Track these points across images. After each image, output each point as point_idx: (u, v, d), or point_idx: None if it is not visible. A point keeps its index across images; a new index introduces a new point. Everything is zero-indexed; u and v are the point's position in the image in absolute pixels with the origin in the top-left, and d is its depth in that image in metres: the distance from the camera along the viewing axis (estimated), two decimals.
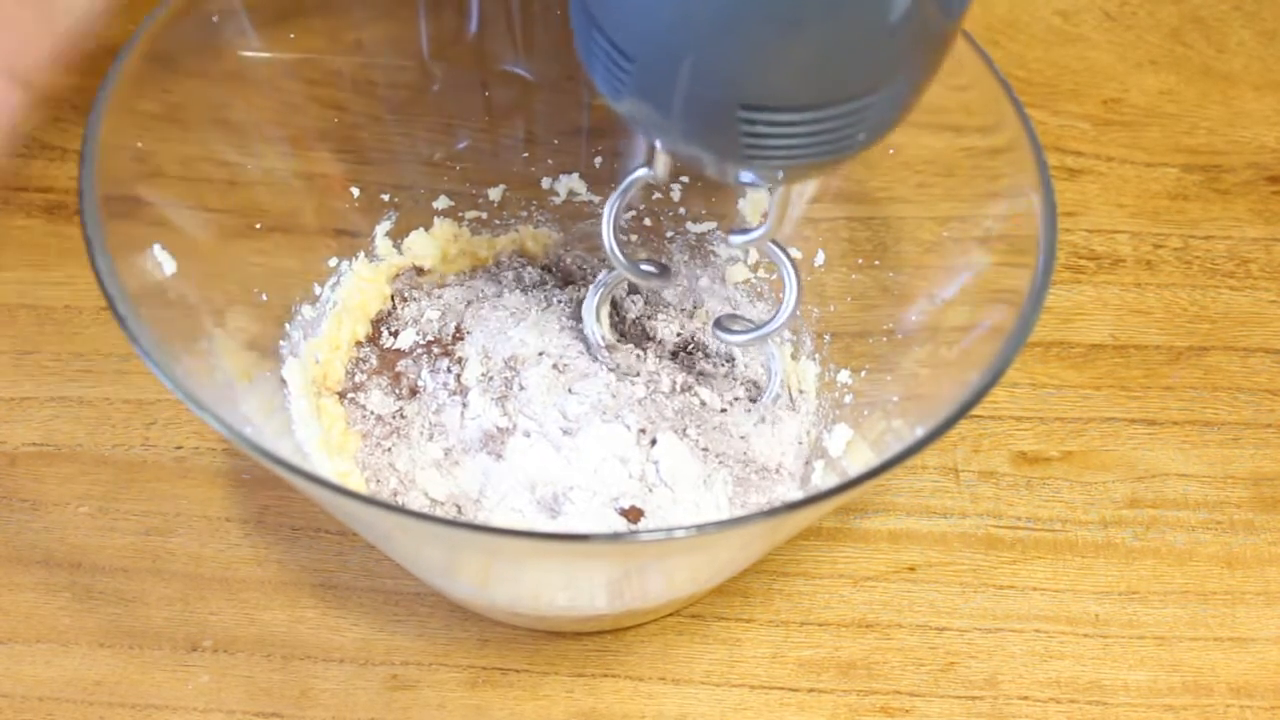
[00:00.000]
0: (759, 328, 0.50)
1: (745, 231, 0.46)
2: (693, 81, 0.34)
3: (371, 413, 0.52)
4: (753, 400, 0.54)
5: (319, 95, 0.52)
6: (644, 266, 0.49)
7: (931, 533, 0.55)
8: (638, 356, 0.54)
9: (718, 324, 0.51)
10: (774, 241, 0.46)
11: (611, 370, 0.53)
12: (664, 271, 0.50)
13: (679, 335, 0.55)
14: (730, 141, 0.36)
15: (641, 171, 0.45)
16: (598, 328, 0.53)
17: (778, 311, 0.48)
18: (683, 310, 0.56)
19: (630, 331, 0.55)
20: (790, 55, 0.33)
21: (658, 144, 0.41)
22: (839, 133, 0.36)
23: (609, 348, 0.53)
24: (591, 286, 0.52)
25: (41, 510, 0.54)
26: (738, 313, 0.56)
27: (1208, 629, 0.52)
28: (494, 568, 0.46)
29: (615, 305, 0.55)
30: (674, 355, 0.55)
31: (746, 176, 0.39)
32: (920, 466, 0.57)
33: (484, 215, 0.58)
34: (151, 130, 0.44)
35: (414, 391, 0.53)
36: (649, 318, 0.55)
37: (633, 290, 0.56)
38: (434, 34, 0.53)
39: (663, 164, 0.44)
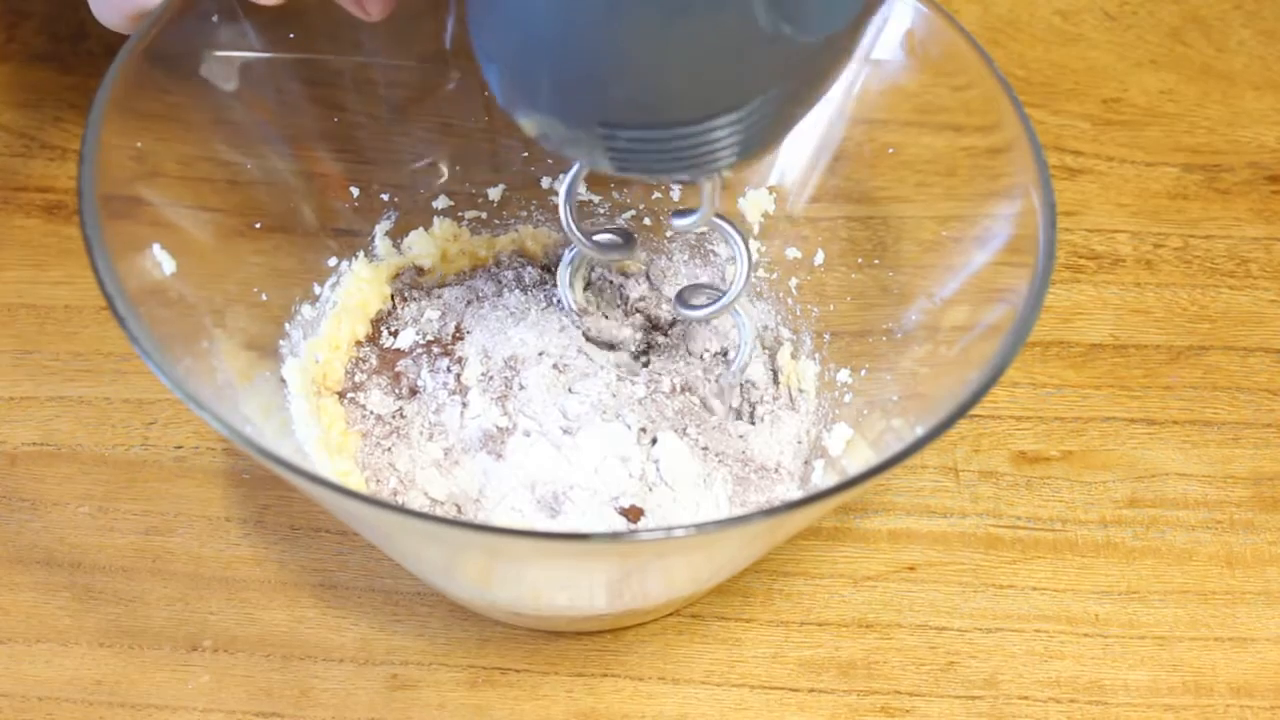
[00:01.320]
0: (717, 300, 0.50)
1: (686, 215, 0.47)
2: (551, 98, 0.35)
3: (371, 412, 0.52)
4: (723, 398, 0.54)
5: (319, 95, 0.52)
6: (599, 238, 0.51)
7: (931, 532, 0.55)
8: (606, 317, 0.55)
9: (679, 299, 0.52)
10: (719, 216, 0.47)
11: (580, 330, 0.54)
12: (628, 241, 0.51)
13: (671, 322, 0.56)
14: (599, 154, 0.36)
15: None
16: (570, 293, 0.54)
17: (733, 283, 0.49)
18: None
19: (631, 312, 0.56)
20: (636, 75, 0.33)
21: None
22: (704, 149, 0.36)
23: (582, 313, 0.54)
24: (565, 251, 0.54)
25: (41, 510, 0.54)
26: (700, 283, 0.57)
27: (1208, 629, 0.52)
28: (494, 567, 0.46)
29: (619, 289, 0.56)
30: (665, 328, 0.55)
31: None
32: (920, 466, 0.57)
33: (484, 215, 0.58)
34: (151, 130, 0.44)
35: (414, 391, 0.53)
36: (655, 305, 0.56)
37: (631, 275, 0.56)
38: (434, 34, 0.53)
39: None
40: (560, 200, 0.49)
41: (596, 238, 0.51)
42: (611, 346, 0.55)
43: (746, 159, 0.37)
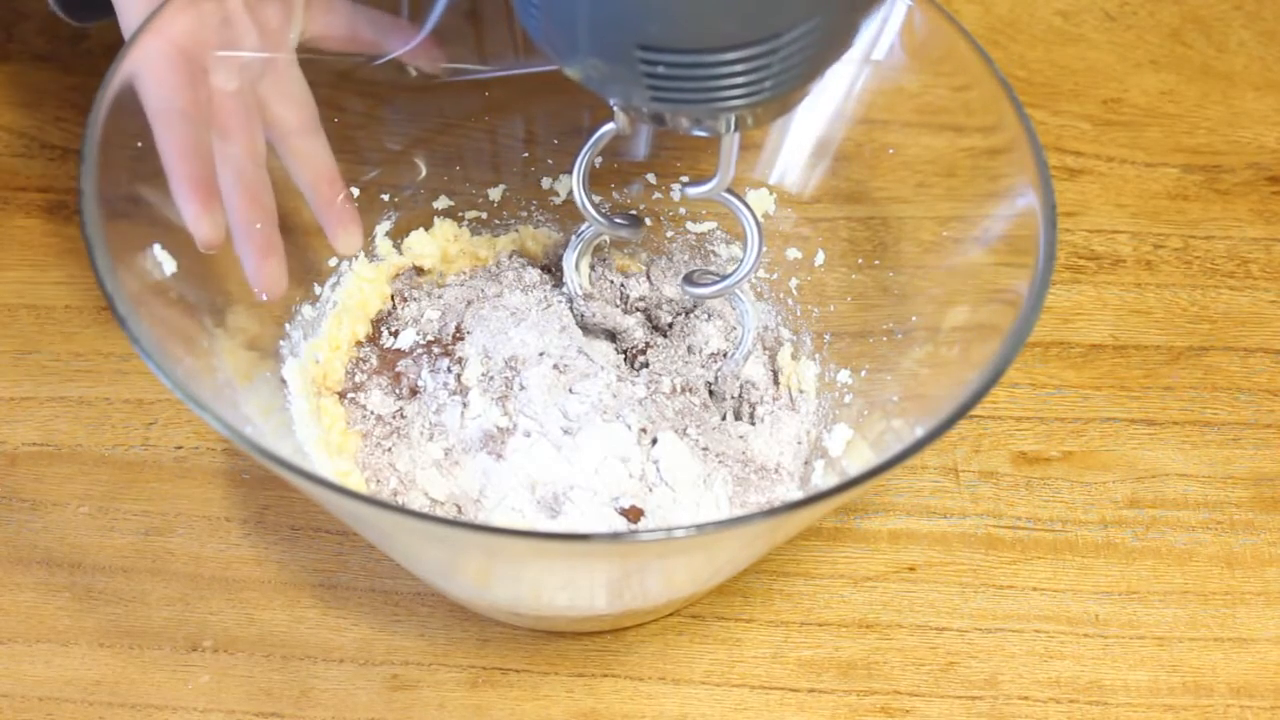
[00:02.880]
0: (725, 278, 0.50)
1: (701, 183, 0.47)
2: (592, 21, 0.35)
3: (371, 413, 0.52)
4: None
5: (319, 95, 0.52)
6: (616, 219, 0.51)
7: (931, 533, 0.55)
8: (615, 307, 0.55)
9: (687, 279, 0.52)
10: (730, 191, 0.47)
11: (582, 315, 0.54)
12: (635, 222, 0.52)
13: (670, 323, 0.56)
14: (635, 83, 0.37)
15: (609, 126, 0.46)
16: (576, 277, 0.54)
17: (742, 261, 0.49)
18: (682, 305, 0.56)
19: (631, 310, 0.56)
20: None
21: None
22: (741, 79, 0.36)
23: (586, 297, 0.54)
24: (572, 238, 0.54)
25: (41, 510, 0.54)
26: (707, 269, 0.57)
27: (1208, 629, 0.52)
28: (494, 568, 0.46)
29: (620, 288, 0.56)
30: (664, 329, 0.56)
31: (698, 129, 0.40)
32: (920, 466, 0.57)
33: (484, 215, 0.58)
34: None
35: (414, 391, 0.53)
36: (655, 304, 0.56)
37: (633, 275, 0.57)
38: (435, 34, 0.53)
39: (623, 116, 0.45)
40: (575, 181, 0.49)
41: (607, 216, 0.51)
42: (612, 337, 0.55)
43: (784, 95, 0.38)
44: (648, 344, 0.55)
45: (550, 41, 0.37)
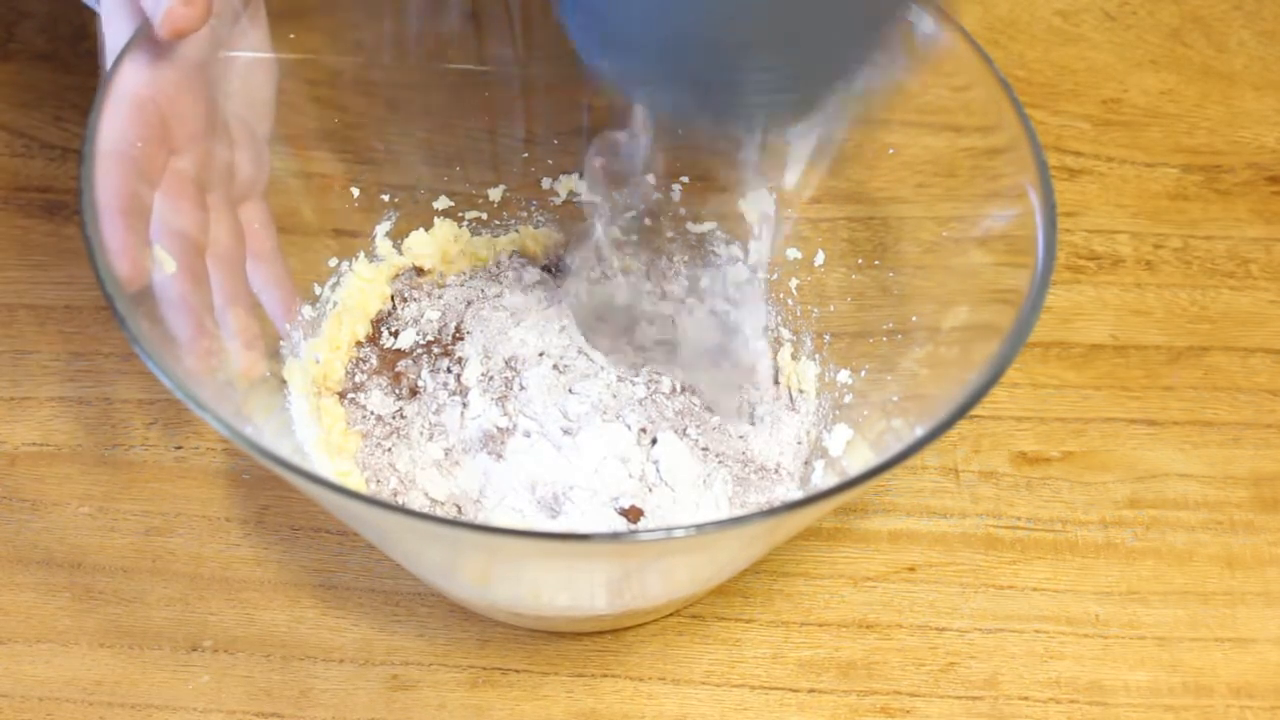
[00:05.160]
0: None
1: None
2: (661, 39, 0.36)
3: (371, 413, 0.52)
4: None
5: (319, 95, 0.52)
6: (620, 216, 0.52)
7: (931, 533, 0.55)
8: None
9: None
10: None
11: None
12: (637, 220, 0.53)
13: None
14: (681, 87, 0.38)
15: (619, 134, 0.48)
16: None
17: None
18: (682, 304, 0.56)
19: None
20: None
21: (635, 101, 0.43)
22: (778, 83, 0.37)
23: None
24: (573, 237, 0.54)
25: (41, 510, 0.54)
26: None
27: (1208, 629, 0.52)
28: (494, 568, 0.46)
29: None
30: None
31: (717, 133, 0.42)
32: (920, 466, 0.57)
33: (484, 215, 0.58)
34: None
35: (414, 391, 0.53)
36: (654, 303, 0.56)
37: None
38: (434, 34, 0.53)
39: (641, 116, 0.46)
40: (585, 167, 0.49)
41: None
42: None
43: (816, 98, 0.39)
44: (646, 344, 0.55)
45: (596, 51, 0.38)
